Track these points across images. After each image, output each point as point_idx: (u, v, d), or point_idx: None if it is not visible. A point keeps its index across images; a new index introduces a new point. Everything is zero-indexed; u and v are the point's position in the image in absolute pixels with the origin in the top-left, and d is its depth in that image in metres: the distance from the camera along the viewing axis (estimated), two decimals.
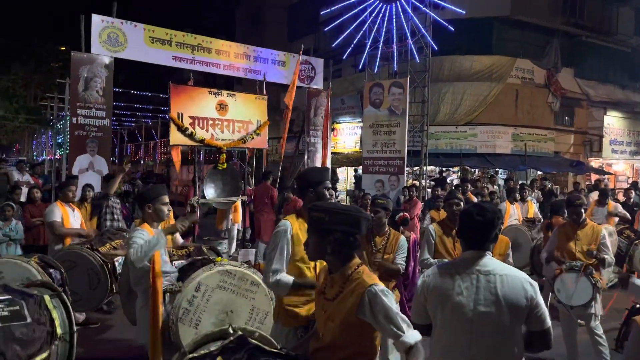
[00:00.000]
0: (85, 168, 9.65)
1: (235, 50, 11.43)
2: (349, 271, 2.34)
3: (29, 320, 2.99)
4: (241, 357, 2.15)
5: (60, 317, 3.22)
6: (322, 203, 2.54)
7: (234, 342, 2.25)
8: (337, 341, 2.30)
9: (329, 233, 2.31)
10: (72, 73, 9.51)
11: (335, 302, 2.32)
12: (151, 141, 33.28)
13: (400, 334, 2.22)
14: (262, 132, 8.37)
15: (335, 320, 2.30)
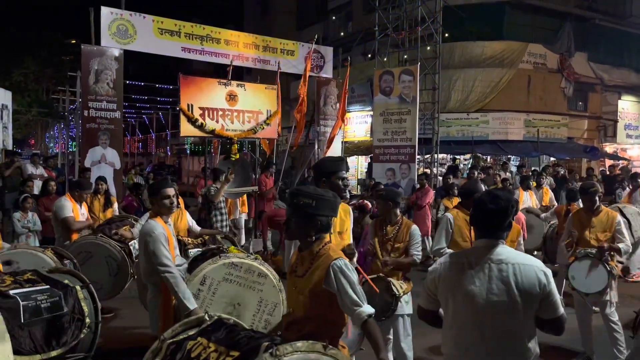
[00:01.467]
0: (98, 160, 9.72)
1: (244, 40, 11.39)
2: (317, 248, 2.51)
3: (66, 311, 3.23)
4: (221, 334, 2.21)
5: (89, 308, 3.43)
6: (305, 188, 2.62)
7: (211, 325, 2.30)
8: (308, 314, 2.45)
9: (314, 217, 2.48)
10: (82, 66, 9.54)
11: (305, 277, 2.49)
12: (162, 133, 33.46)
13: (359, 304, 2.38)
14: (272, 122, 8.36)
15: (304, 293, 2.45)
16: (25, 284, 3.20)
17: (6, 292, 3.00)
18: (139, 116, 34.19)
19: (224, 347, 2.06)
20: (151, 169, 24.35)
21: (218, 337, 2.18)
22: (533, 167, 15.76)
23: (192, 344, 2.17)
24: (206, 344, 2.13)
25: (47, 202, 7.38)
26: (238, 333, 2.19)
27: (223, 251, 3.80)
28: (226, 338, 2.15)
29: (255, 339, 2.08)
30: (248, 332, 2.22)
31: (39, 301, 3.10)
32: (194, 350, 2.11)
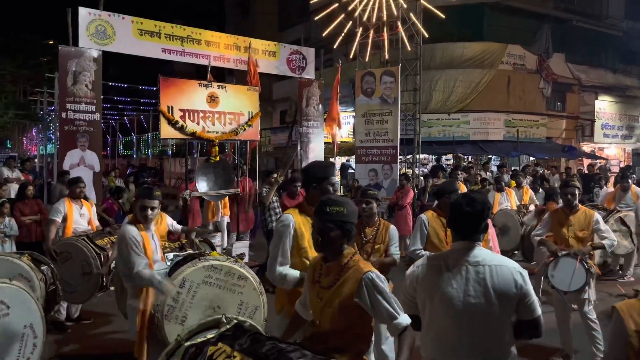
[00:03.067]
0: (77, 163, 9.56)
1: (225, 41, 11.32)
2: (345, 260, 2.43)
3: None
4: (244, 342, 2.14)
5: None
6: (333, 196, 2.56)
7: (231, 329, 2.25)
8: (335, 327, 2.38)
9: (346, 225, 2.43)
10: (60, 67, 9.37)
11: (332, 289, 2.40)
12: (144, 134, 33.09)
13: (396, 316, 2.31)
14: (253, 123, 8.31)
15: (333, 306, 2.37)
16: None
17: None
18: (120, 118, 33.77)
19: (251, 358, 1.99)
20: (132, 171, 24.05)
21: (242, 345, 2.11)
22: (513, 167, 15.96)
23: (214, 349, 2.09)
24: (230, 352, 2.06)
25: (23, 206, 7.23)
26: (263, 343, 2.10)
27: (203, 255, 3.77)
28: (252, 348, 2.08)
29: (284, 353, 1.99)
30: (273, 342, 2.13)
31: None
32: (217, 357, 2.04)
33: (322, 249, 2.49)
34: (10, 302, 3.47)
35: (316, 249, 2.53)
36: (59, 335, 5.44)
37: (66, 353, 5.01)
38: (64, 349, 5.10)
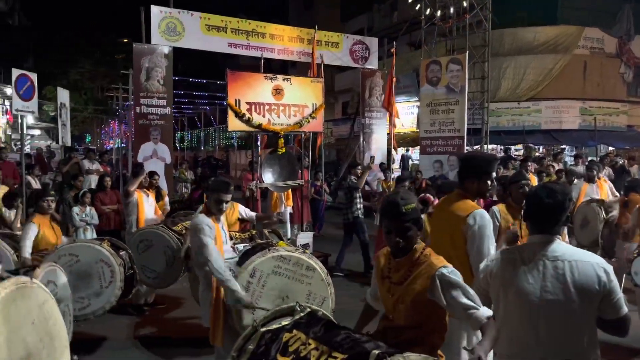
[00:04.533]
0: (150, 155, 10.04)
1: (289, 33, 11.43)
2: (416, 255, 2.39)
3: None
4: (318, 330, 2.15)
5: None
6: (405, 194, 2.45)
7: (305, 317, 2.27)
8: (409, 322, 2.35)
9: (420, 220, 2.40)
10: (134, 64, 9.86)
11: (404, 285, 2.37)
12: (210, 127, 34.18)
13: (475, 307, 2.27)
14: (317, 115, 8.34)
15: (405, 303, 2.34)
16: None
17: None
18: (188, 112, 35.05)
19: (326, 347, 1.99)
20: (200, 163, 24.93)
21: (317, 333, 2.12)
22: (590, 157, 15.06)
23: (289, 336, 2.13)
24: (304, 339, 2.08)
25: (103, 196, 7.68)
26: (337, 332, 2.11)
27: (272, 245, 3.84)
28: (326, 336, 2.09)
29: (360, 343, 1.99)
30: (347, 332, 2.13)
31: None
32: (292, 344, 2.07)
33: (401, 249, 2.40)
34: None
35: (395, 251, 2.43)
36: (136, 318, 5.76)
37: (144, 335, 5.29)
38: (141, 331, 5.39)
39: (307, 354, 2.00)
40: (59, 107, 11.87)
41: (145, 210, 6.12)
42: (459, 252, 3.05)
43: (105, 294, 4.46)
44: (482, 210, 3.10)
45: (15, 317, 2.05)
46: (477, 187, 3.08)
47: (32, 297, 2.19)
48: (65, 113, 11.88)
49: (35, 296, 2.22)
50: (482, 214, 3.06)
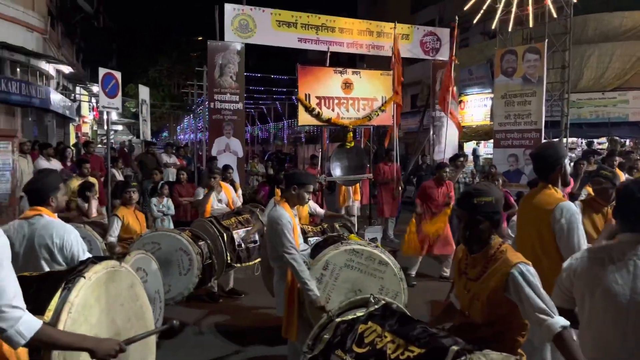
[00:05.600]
0: (223, 149, 10.39)
1: (358, 27, 11.37)
2: (492, 250, 2.32)
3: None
4: (394, 323, 2.15)
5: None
6: (481, 186, 2.40)
7: (379, 310, 2.27)
8: (485, 319, 2.29)
9: (495, 216, 2.32)
10: (208, 61, 10.24)
11: (480, 281, 2.31)
12: (280, 122, 34.79)
13: (550, 314, 2.14)
14: (387, 108, 8.26)
15: (481, 299, 2.28)
16: None
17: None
18: (258, 107, 35.88)
19: (403, 340, 1.99)
20: (269, 156, 25.47)
21: (392, 326, 2.13)
22: None
23: (364, 327, 2.15)
24: (380, 331, 2.09)
25: (180, 188, 8.05)
26: (413, 326, 2.11)
27: (344, 238, 3.86)
28: (402, 329, 2.09)
29: (437, 338, 1.97)
30: (424, 326, 2.12)
31: None
32: (367, 336, 2.08)
33: (470, 242, 2.38)
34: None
35: (463, 242, 2.42)
36: (212, 305, 6.00)
37: (219, 322, 5.50)
38: (216, 319, 5.60)
39: (383, 346, 2.00)
40: (140, 103, 12.56)
41: (212, 204, 6.35)
42: (547, 247, 2.95)
43: (183, 281, 4.69)
44: (568, 202, 2.99)
45: (106, 298, 2.20)
46: (556, 176, 3.00)
47: (121, 280, 2.34)
48: (145, 109, 12.55)
49: (123, 279, 2.37)
50: (568, 206, 2.95)
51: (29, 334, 1.71)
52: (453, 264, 2.59)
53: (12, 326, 1.69)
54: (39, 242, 2.79)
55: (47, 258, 2.80)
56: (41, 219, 2.86)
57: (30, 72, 15.97)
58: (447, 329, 2.36)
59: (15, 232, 2.82)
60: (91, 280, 2.11)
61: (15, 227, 2.86)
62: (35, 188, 2.96)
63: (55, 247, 2.80)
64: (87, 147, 10.44)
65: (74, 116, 22.86)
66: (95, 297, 2.13)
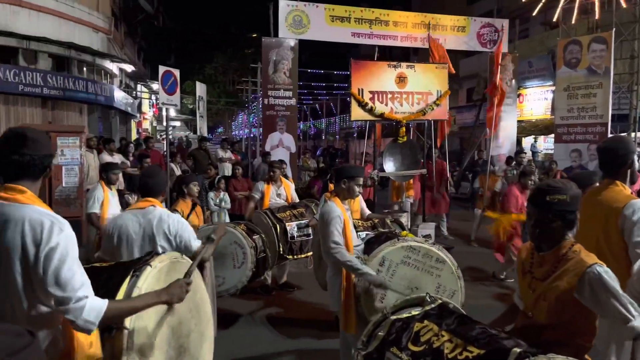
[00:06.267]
0: (276, 145, 10.53)
1: (412, 20, 11.18)
2: (563, 250, 2.19)
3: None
4: (451, 322, 2.10)
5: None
6: (555, 183, 2.27)
7: (436, 309, 2.23)
8: (551, 321, 2.18)
9: (569, 215, 2.18)
10: (263, 57, 10.38)
11: (548, 281, 2.19)
12: (331, 117, 34.87)
13: (629, 318, 2.04)
14: (442, 102, 8.08)
15: (548, 300, 2.17)
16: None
17: None
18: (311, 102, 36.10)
19: (461, 340, 1.94)
20: (321, 152, 25.58)
21: (450, 325, 2.08)
22: None
23: (420, 326, 2.12)
24: (437, 330, 2.06)
25: (236, 183, 8.23)
26: (472, 326, 2.05)
27: (398, 235, 3.81)
28: (460, 329, 2.04)
29: (498, 339, 1.91)
30: (483, 327, 2.07)
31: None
32: (424, 335, 2.05)
33: (539, 241, 2.26)
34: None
35: (532, 240, 2.30)
36: (265, 297, 6.11)
37: (271, 314, 5.60)
38: (269, 311, 5.70)
39: (440, 345, 1.96)
40: (197, 100, 12.92)
41: (270, 198, 6.43)
42: (614, 247, 2.80)
43: (237, 274, 4.79)
44: (639, 200, 2.81)
45: None
46: (625, 172, 2.86)
47: (182, 270, 2.42)
48: (202, 105, 12.90)
49: (184, 270, 2.45)
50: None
51: (96, 319, 1.80)
52: (516, 264, 2.48)
53: (78, 317, 1.78)
54: (157, 231, 3.01)
55: (165, 246, 3.02)
56: (155, 209, 3.10)
57: (96, 71, 16.80)
58: (508, 330, 2.27)
59: (129, 221, 3.05)
60: (156, 269, 2.21)
61: (130, 217, 3.09)
62: (149, 182, 3.20)
63: (171, 235, 3.02)
64: (147, 143, 10.87)
65: (135, 113, 23.87)
66: (160, 285, 2.22)
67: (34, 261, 1.77)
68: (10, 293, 1.81)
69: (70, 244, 1.83)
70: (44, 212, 1.85)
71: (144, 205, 3.13)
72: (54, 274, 1.76)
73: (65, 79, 14.17)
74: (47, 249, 1.77)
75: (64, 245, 1.79)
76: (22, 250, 1.78)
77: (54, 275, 1.76)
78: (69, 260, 1.79)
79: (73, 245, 1.84)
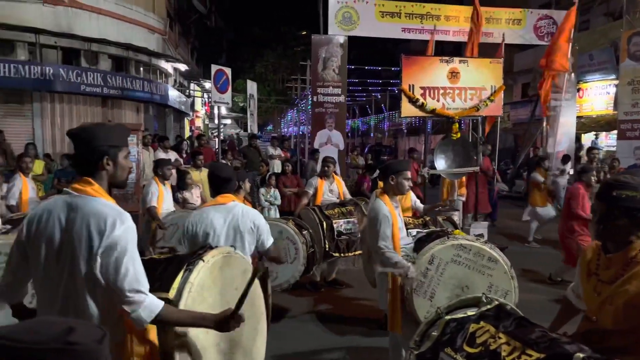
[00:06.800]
0: (325, 142, 10.54)
1: (465, 14, 10.89)
2: (634, 252, 2.05)
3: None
4: (509, 324, 2.03)
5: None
6: (624, 178, 2.12)
7: (492, 310, 2.15)
8: (618, 326, 2.06)
9: (638, 212, 2.02)
10: (312, 55, 10.41)
11: (615, 285, 2.07)
12: (380, 114, 34.59)
13: None
14: (496, 98, 7.84)
15: (615, 304, 2.05)
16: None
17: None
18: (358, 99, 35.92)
19: (519, 343, 1.87)
20: (369, 149, 25.44)
21: (507, 327, 2.01)
22: None
23: (476, 327, 2.06)
24: (494, 332, 1.99)
25: (286, 180, 8.31)
26: (532, 329, 1.97)
27: (449, 233, 3.73)
28: (519, 332, 1.97)
29: (559, 343, 1.82)
30: (543, 330, 1.99)
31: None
32: (480, 336, 2.00)
33: (604, 238, 2.14)
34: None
35: (597, 238, 2.19)
36: (314, 294, 6.14)
37: (321, 311, 5.62)
38: (319, 308, 5.72)
39: (497, 348, 1.89)
40: (248, 98, 13.14)
41: (323, 195, 6.44)
42: None
43: (290, 269, 4.83)
44: None
45: (222, 281, 2.33)
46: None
47: (235, 265, 2.46)
48: (253, 103, 13.10)
49: (238, 264, 2.48)
50: None
51: (150, 317, 1.87)
52: (580, 265, 2.35)
53: (136, 310, 1.85)
54: (243, 226, 3.13)
55: (249, 240, 3.15)
56: (237, 205, 3.21)
57: (152, 70, 17.39)
58: (570, 335, 2.17)
59: (214, 217, 3.13)
60: (209, 264, 2.25)
61: (213, 212, 3.16)
62: (222, 178, 3.27)
63: (255, 229, 3.16)
64: (200, 140, 11.14)
65: (189, 111, 24.55)
66: (212, 279, 2.26)
67: (96, 252, 1.85)
68: (76, 282, 1.89)
69: (131, 237, 1.90)
70: (109, 205, 1.92)
71: (225, 200, 3.19)
72: (115, 266, 1.84)
73: (124, 79, 14.76)
74: (109, 241, 1.84)
75: (125, 238, 1.87)
76: (87, 240, 1.86)
77: (115, 267, 1.84)
78: (128, 253, 1.86)
79: (133, 238, 1.91)
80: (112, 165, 1.99)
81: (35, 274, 1.98)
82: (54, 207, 1.94)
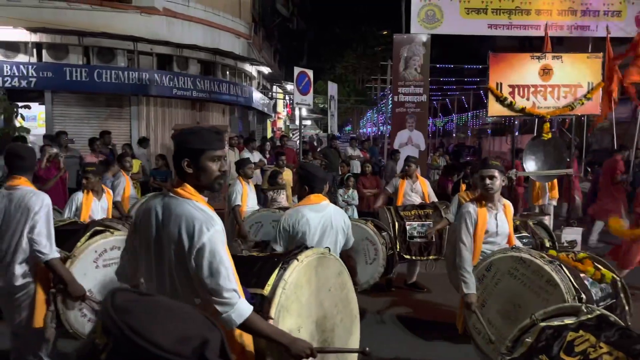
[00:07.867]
0: (405, 142, 10.41)
1: (558, 7, 10.27)
2: None
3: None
4: (612, 335, 1.91)
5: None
6: None
7: (593, 320, 2.02)
8: None
9: None
10: (393, 54, 10.31)
11: None
12: (463, 114, 33.55)
13: None
14: (593, 95, 7.32)
15: None
16: None
17: None
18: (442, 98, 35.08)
19: (622, 354, 1.79)
20: (452, 150, 24.72)
21: (610, 337, 1.92)
22: None
23: (574, 335, 1.98)
24: (594, 342, 1.91)
25: (365, 180, 8.30)
26: (636, 339, 1.88)
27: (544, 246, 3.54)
28: (622, 342, 1.88)
29: None
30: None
31: None
32: (578, 345, 1.92)
33: None
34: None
35: None
36: (393, 295, 6.07)
37: (400, 313, 5.54)
38: (398, 310, 5.64)
39: (597, 357, 1.78)
40: (329, 99, 13.28)
41: (404, 195, 6.36)
42: None
43: (370, 270, 4.82)
44: None
45: (316, 281, 2.37)
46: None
47: (330, 266, 2.48)
48: (333, 104, 13.23)
49: (332, 266, 2.51)
50: None
51: (240, 320, 1.92)
52: None
53: (227, 312, 1.90)
54: (337, 224, 3.23)
55: (341, 239, 3.27)
56: (329, 204, 3.31)
57: (237, 74, 18.07)
58: None
59: (309, 216, 3.16)
60: (303, 263, 2.29)
61: (307, 212, 3.18)
62: (311, 178, 3.33)
63: (346, 228, 3.30)
64: (282, 141, 11.42)
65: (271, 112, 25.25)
66: (306, 279, 2.30)
67: (187, 254, 1.93)
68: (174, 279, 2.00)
69: (219, 240, 1.95)
70: (199, 208, 2.00)
71: (318, 200, 3.26)
72: (207, 268, 1.90)
73: (211, 82, 15.48)
74: (198, 246, 1.91)
75: (213, 242, 1.93)
76: (178, 242, 1.95)
77: (207, 269, 1.90)
78: (217, 255, 1.92)
79: (222, 241, 1.97)
80: (193, 168, 2.03)
81: (140, 266, 2.14)
82: (153, 205, 2.06)
